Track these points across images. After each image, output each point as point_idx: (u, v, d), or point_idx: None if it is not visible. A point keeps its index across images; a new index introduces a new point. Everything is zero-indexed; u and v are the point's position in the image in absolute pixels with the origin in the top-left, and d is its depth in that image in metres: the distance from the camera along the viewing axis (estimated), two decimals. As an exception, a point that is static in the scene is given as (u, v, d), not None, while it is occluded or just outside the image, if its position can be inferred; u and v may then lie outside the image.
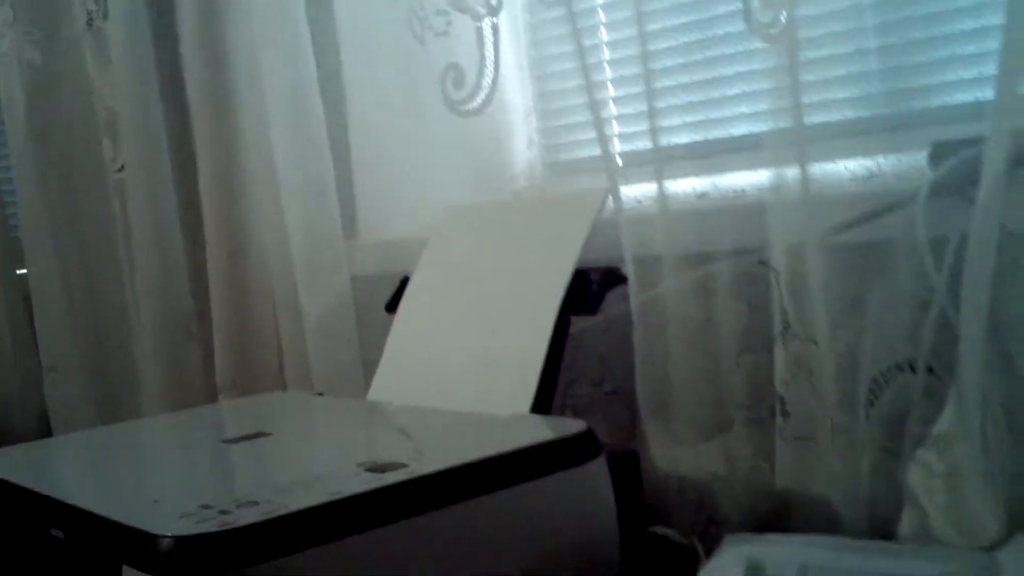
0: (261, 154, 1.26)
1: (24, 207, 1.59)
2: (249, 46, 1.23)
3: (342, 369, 1.18)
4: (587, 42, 0.96)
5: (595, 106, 0.93)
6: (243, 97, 1.27)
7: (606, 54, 1.03)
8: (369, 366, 1.06)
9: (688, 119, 0.96)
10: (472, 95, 1.06)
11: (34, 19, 1.60)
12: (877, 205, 0.80)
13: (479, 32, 1.04)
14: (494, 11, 1.02)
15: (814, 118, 0.83)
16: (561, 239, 0.90)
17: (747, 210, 0.85)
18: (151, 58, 1.40)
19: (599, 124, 0.93)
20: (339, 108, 1.24)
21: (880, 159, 0.84)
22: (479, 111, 1.05)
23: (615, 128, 1.05)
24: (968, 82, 0.82)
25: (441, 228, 1.05)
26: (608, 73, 1.05)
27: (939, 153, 0.80)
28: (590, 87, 0.93)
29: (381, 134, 1.21)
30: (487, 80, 1.04)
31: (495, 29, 1.03)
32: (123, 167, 1.43)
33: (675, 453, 0.88)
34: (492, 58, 1.03)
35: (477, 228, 1.01)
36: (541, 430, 0.77)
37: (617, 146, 1.04)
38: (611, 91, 1.05)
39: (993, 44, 0.74)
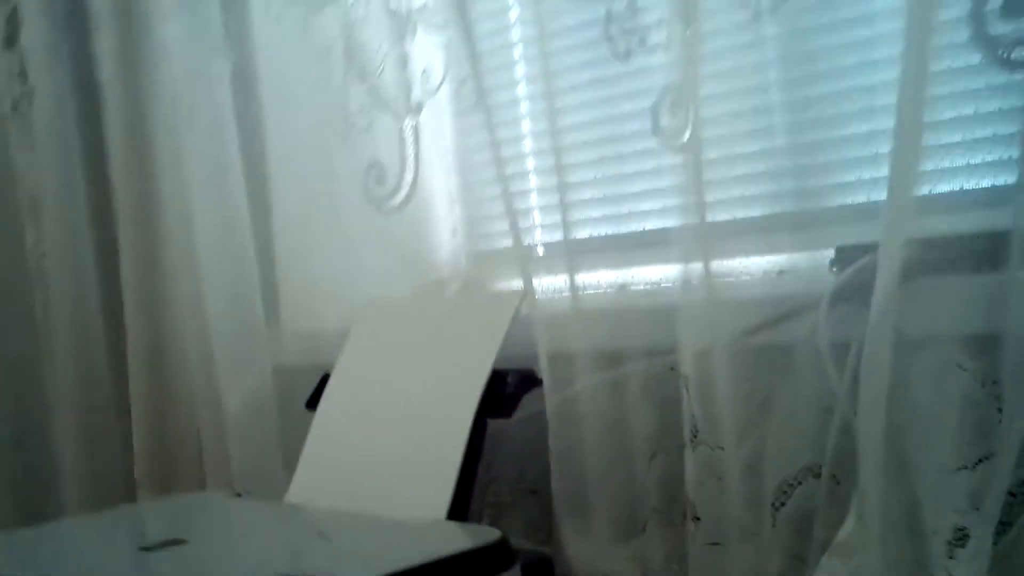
0: (184, 241, 1.26)
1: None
2: (172, 128, 1.23)
3: (262, 465, 1.17)
4: (503, 134, 0.97)
5: (509, 198, 0.94)
6: (166, 182, 1.27)
7: (525, 146, 1.04)
8: (290, 461, 1.05)
9: (600, 213, 0.97)
10: (394, 192, 1.07)
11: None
12: (782, 309, 0.81)
13: (401, 131, 1.05)
14: (415, 111, 1.03)
15: (720, 215, 0.84)
16: (479, 341, 0.91)
17: (659, 310, 0.86)
18: (76, 142, 1.40)
19: (512, 215, 0.94)
20: (262, 194, 1.24)
21: (787, 258, 0.86)
22: (400, 208, 1.06)
23: (536, 219, 1.06)
24: (867, 183, 0.82)
25: (361, 323, 1.05)
26: (527, 165, 1.06)
27: (842, 258, 0.82)
28: (504, 179, 0.94)
29: (304, 222, 1.21)
30: (408, 178, 1.05)
31: (416, 129, 1.04)
32: (44, 254, 1.41)
33: (591, 554, 0.88)
34: (413, 156, 1.04)
35: (396, 325, 1.02)
36: (457, 539, 0.78)
37: (538, 237, 1.05)
38: (531, 183, 1.06)
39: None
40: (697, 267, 0.81)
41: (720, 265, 0.83)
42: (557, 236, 0.96)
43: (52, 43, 1.39)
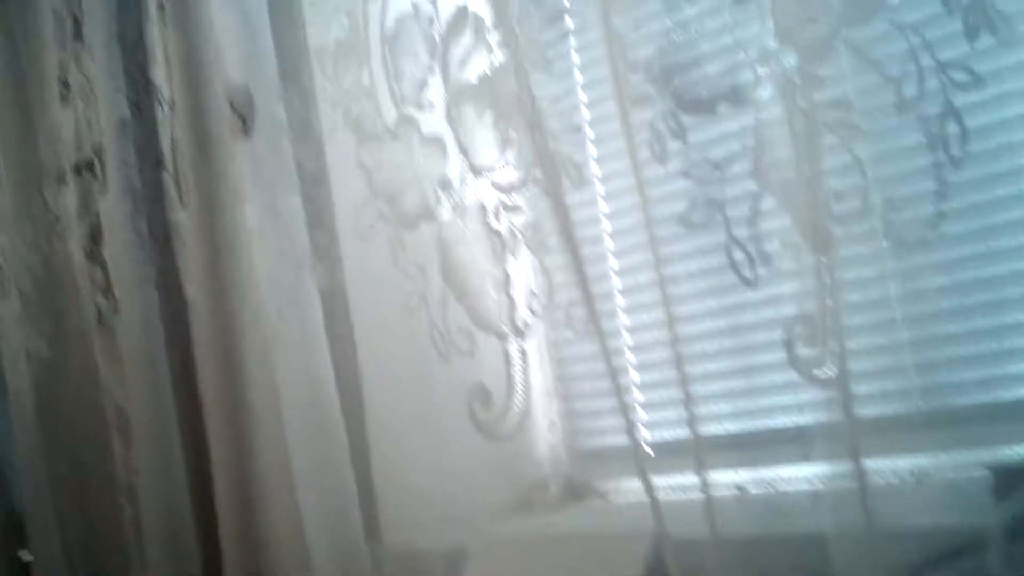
0: (278, 461, 1.22)
1: (28, 489, 1.54)
2: (263, 347, 1.20)
3: None
4: (607, 325, 0.94)
5: (619, 392, 0.89)
6: (259, 404, 1.23)
7: (628, 339, 1.01)
8: None
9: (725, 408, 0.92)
10: (502, 417, 1.02)
11: (42, 312, 1.58)
12: (946, 543, 0.74)
13: (506, 353, 1.01)
14: (521, 333, 0.99)
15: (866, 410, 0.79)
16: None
17: (807, 536, 0.79)
18: (163, 359, 1.37)
19: (624, 410, 0.88)
20: (358, 415, 1.20)
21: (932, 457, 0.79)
22: (512, 437, 1.01)
23: (643, 415, 1.01)
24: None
25: (477, 561, 0.99)
26: (633, 359, 1.02)
27: (1003, 483, 0.75)
28: (613, 372, 0.89)
29: (400, 438, 1.17)
30: (517, 403, 1.01)
31: (523, 352, 1.00)
32: (135, 471, 1.38)
33: None
34: (521, 381, 1.00)
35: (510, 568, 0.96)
36: None
37: (646, 435, 0.99)
38: (637, 378, 1.01)
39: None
40: (841, 467, 0.74)
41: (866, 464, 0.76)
42: (677, 432, 0.90)
43: (136, 259, 1.38)
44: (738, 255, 0.80)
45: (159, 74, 1.35)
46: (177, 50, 1.27)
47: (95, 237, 1.48)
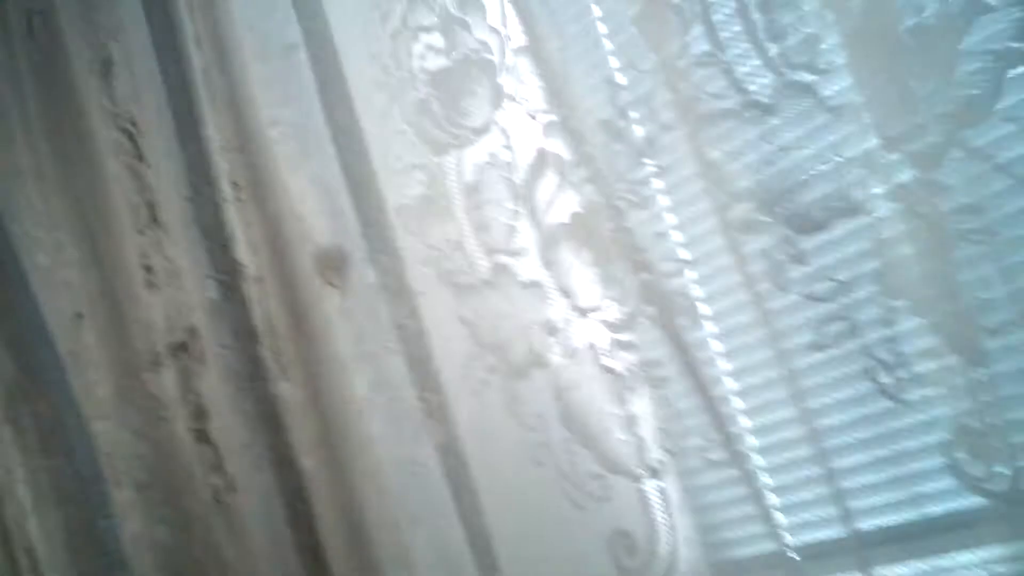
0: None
1: None
2: (392, 522, 1.18)
3: None
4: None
5: (757, 497, 0.85)
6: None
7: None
8: None
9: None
10: (648, 564, 0.98)
11: (159, 498, 1.58)
12: None
13: (642, 495, 0.97)
14: (655, 473, 0.96)
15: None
16: None
17: None
18: (287, 536, 1.35)
19: (766, 516, 0.84)
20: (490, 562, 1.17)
21: None
22: (664, 582, 0.96)
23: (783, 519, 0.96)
24: None
25: None
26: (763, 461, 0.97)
27: None
28: (748, 476, 0.85)
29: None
30: (663, 547, 0.96)
31: (664, 492, 0.96)
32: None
33: None
34: (666, 523, 0.95)
35: None
36: None
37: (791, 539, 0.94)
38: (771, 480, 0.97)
39: None
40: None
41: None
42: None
43: (245, 436, 1.38)
44: (884, 379, 0.76)
45: (243, 252, 1.36)
46: (258, 226, 1.28)
47: (200, 417, 1.47)
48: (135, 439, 1.61)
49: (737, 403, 0.98)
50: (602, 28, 1.02)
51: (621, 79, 0.96)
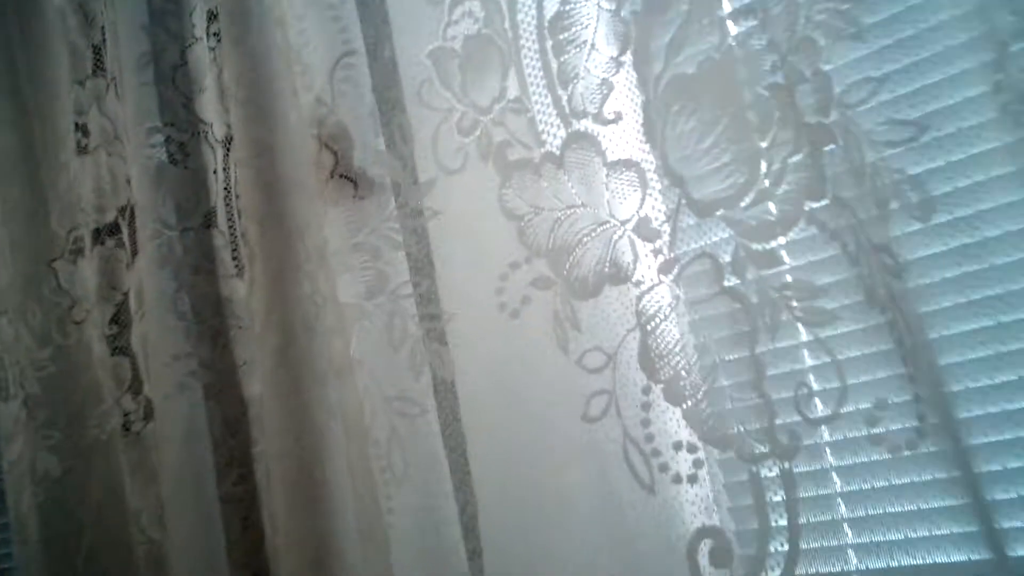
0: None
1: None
2: (366, 479, 0.86)
3: None
4: None
5: None
6: (349, 550, 0.88)
7: None
8: None
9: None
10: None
11: (53, 418, 1.24)
12: None
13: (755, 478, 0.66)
14: (788, 454, 0.64)
15: None
16: None
17: None
18: (212, 480, 1.02)
19: None
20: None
21: None
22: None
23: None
24: None
25: None
26: None
27: None
28: None
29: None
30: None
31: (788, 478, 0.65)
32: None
33: None
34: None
35: None
36: None
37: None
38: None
39: None
40: None
41: None
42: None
43: (175, 349, 1.05)
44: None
45: (208, 106, 1.03)
46: (235, 69, 0.95)
47: (121, 321, 1.14)
48: (35, 342, 1.27)
49: None
50: None
51: None
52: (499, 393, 0.79)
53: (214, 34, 1.02)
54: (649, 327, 0.70)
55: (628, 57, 0.71)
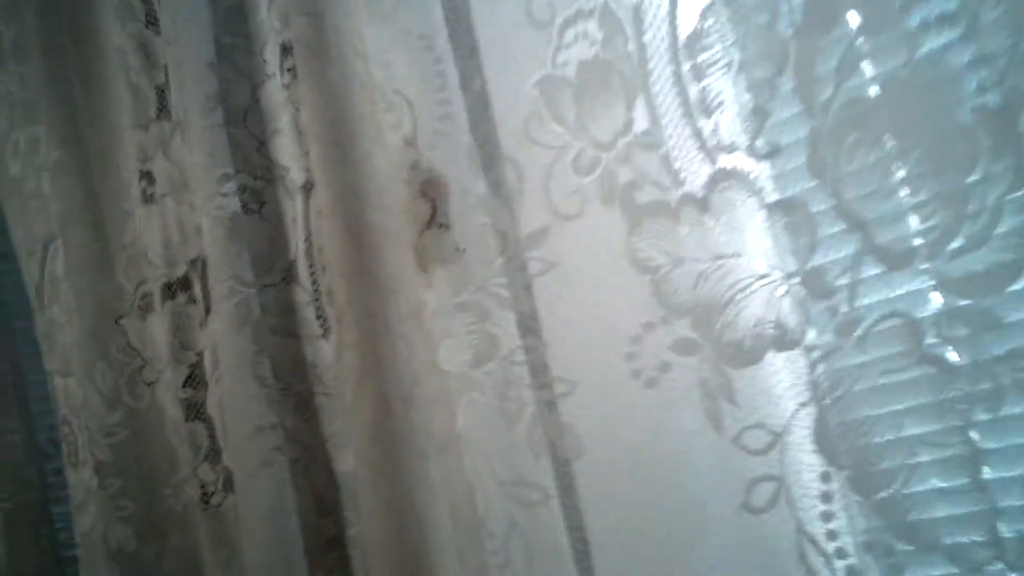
0: None
1: None
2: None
3: None
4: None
5: None
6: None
7: None
8: None
9: None
10: None
11: (125, 489, 1.16)
12: None
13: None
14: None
15: None
16: None
17: None
18: (302, 563, 0.92)
19: None
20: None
21: None
22: None
23: None
24: None
25: None
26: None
27: None
28: None
29: None
30: None
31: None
32: None
33: None
34: None
35: None
36: None
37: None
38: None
39: None
40: None
41: None
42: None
43: (257, 416, 0.95)
44: None
45: (286, 148, 0.93)
46: (314, 110, 0.85)
47: (195, 384, 1.05)
48: (105, 406, 1.19)
49: None
50: None
51: None
52: (633, 477, 0.68)
53: (288, 70, 0.92)
54: (827, 401, 0.58)
55: (787, 79, 0.60)
